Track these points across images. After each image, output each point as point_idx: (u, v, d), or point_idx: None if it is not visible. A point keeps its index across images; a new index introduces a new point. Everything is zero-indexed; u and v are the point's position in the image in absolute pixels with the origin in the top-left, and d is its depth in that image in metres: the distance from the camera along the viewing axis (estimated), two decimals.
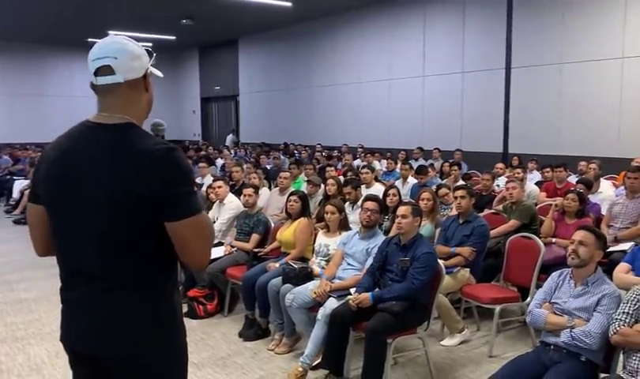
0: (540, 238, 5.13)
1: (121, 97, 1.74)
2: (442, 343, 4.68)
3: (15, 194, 11.54)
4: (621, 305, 2.90)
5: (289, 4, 13.60)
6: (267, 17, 15.62)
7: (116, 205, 1.64)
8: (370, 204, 4.42)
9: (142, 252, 1.69)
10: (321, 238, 4.82)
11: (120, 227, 1.65)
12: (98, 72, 1.72)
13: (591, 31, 10.11)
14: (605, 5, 9.97)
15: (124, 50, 1.73)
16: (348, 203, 6.14)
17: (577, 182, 6.41)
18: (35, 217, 1.82)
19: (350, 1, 13.71)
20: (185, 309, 5.45)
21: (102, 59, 1.71)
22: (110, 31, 17.15)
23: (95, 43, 1.79)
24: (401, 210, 4.08)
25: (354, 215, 5.60)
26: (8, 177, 12.81)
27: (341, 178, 7.80)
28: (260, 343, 4.73)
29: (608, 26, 9.91)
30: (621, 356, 2.94)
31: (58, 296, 1.81)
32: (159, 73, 1.89)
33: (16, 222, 10.25)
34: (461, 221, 5.03)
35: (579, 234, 3.12)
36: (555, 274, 3.25)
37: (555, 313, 3.10)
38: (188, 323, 5.04)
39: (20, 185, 11.52)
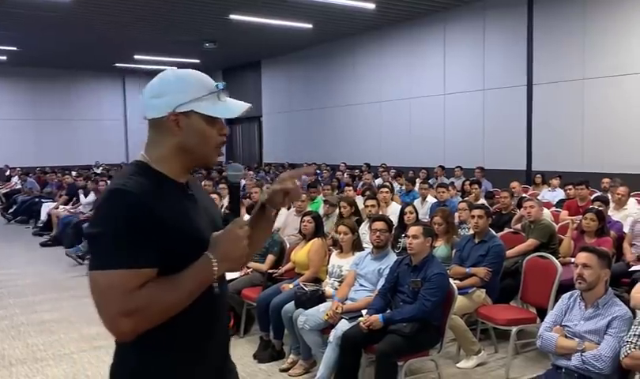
0: (559, 257, 5.05)
1: (149, 135, 1.60)
2: (458, 365, 4.60)
3: (43, 216, 11.81)
4: (632, 327, 2.82)
5: (310, 26, 13.76)
6: (289, 39, 15.82)
7: None
8: (378, 225, 4.40)
9: None
10: (335, 259, 4.81)
11: None
12: None
13: (613, 46, 9.96)
14: (627, 20, 9.80)
15: (149, 86, 1.57)
16: (366, 221, 6.11)
17: (594, 200, 6.29)
18: None
19: (369, 22, 13.79)
20: None
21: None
22: (136, 56, 17.64)
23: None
24: (412, 231, 4.06)
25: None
26: (37, 200, 13.12)
27: (360, 197, 7.80)
28: (274, 364, 4.72)
29: (630, 40, 9.74)
30: None
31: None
32: (214, 113, 1.55)
33: (43, 244, 10.40)
34: (476, 241, 4.98)
35: (581, 257, 3.05)
36: (565, 296, 3.19)
37: (567, 337, 3.04)
38: None
39: (47, 207, 11.78)
